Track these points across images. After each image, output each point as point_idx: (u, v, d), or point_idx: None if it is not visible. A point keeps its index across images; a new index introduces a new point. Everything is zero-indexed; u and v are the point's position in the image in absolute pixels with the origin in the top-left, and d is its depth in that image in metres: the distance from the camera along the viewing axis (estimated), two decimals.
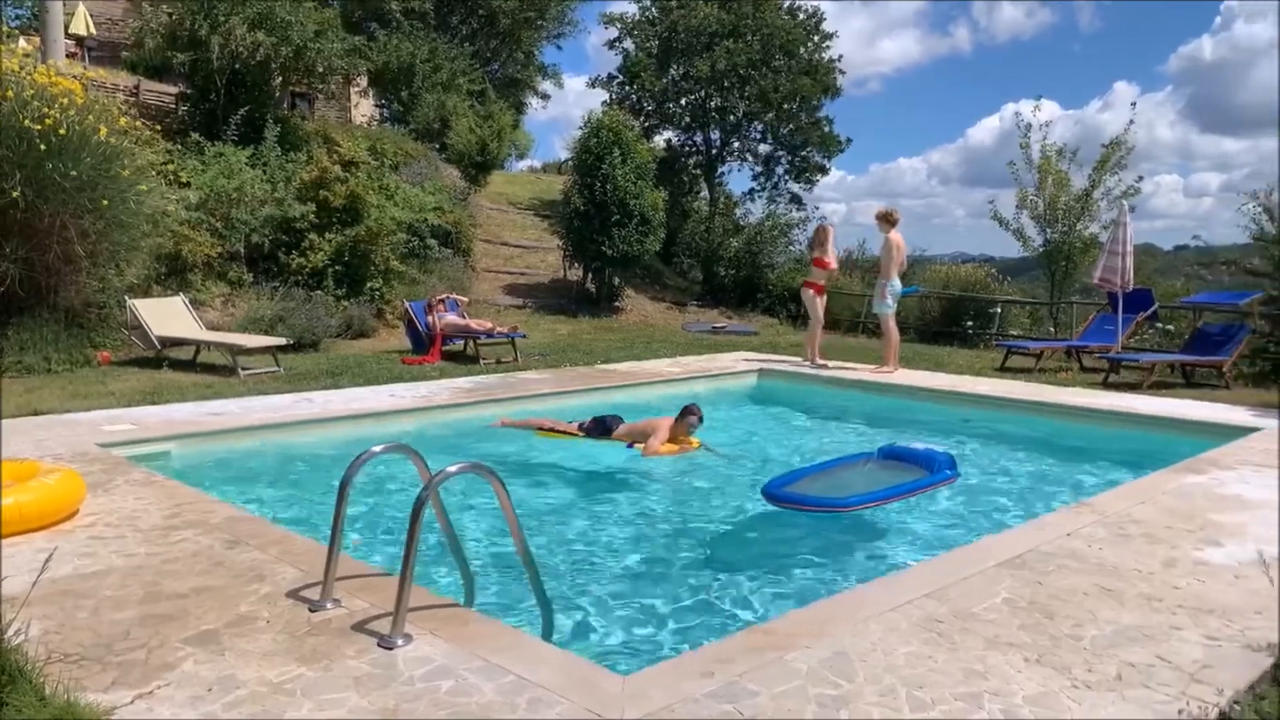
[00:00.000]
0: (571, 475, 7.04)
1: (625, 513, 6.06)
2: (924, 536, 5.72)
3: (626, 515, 6.00)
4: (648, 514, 6.04)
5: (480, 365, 11.29)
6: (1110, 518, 5.17)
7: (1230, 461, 6.69)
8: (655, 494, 6.62)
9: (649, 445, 7.24)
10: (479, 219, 19.90)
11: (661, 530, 5.70)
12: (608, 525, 5.76)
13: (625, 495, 6.54)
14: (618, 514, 6.03)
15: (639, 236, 17.11)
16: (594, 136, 17.10)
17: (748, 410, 9.99)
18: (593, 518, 5.92)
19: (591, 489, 6.69)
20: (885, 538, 5.70)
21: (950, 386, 10.30)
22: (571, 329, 15.83)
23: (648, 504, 6.32)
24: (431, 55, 23.48)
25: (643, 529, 5.70)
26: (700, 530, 5.80)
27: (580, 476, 7.03)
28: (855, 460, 7.08)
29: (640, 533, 5.62)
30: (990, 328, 16.28)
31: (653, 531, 5.65)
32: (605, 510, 6.12)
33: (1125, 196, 16.56)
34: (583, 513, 6.05)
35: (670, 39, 21.84)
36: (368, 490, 6.10)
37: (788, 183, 23.82)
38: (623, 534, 5.60)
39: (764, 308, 20.25)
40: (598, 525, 5.76)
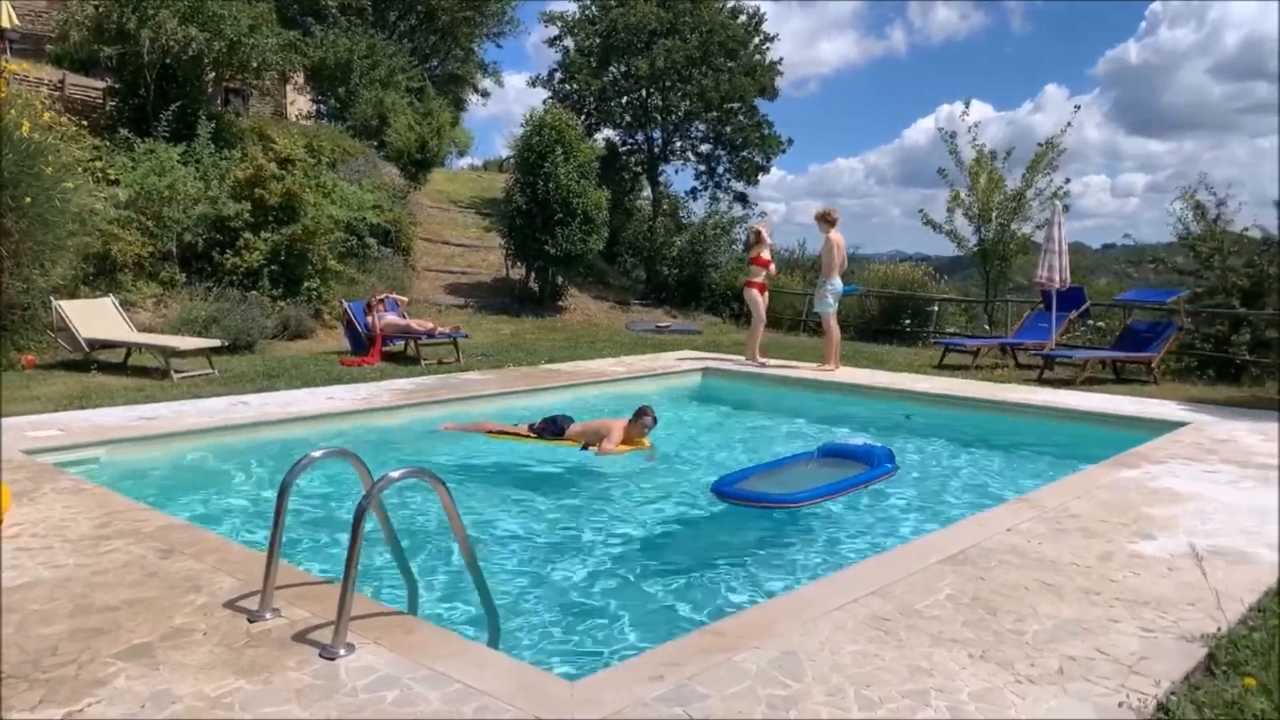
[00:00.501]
0: (522, 477, 6.98)
1: (576, 514, 6.02)
2: (868, 532, 5.78)
3: (577, 517, 5.96)
4: (598, 515, 6.01)
5: (421, 366, 11.15)
6: (1049, 513, 5.27)
7: (1160, 456, 6.87)
8: (606, 495, 6.59)
9: (604, 445, 7.21)
10: (419, 217, 19.67)
11: (612, 531, 5.67)
12: (557, 527, 5.73)
13: (576, 497, 6.50)
14: (568, 516, 6.00)
15: (582, 236, 17.05)
16: (536, 135, 17.00)
17: (693, 409, 10.01)
18: (542, 520, 5.88)
19: (542, 491, 6.63)
20: (830, 533, 5.74)
21: (891, 384, 10.44)
22: (514, 329, 15.73)
23: (598, 505, 6.28)
24: (370, 52, 23.14)
25: (592, 530, 5.66)
26: (651, 530, 5.79)
27: (531, 478, 6.97)
28: (799, 458, 7.18)
29: (590, 534, 5.59)
30: (928, 326, 16.55)
31: (603, 533, 5.62)
32: (555, 512, 6.08)
33: (1056, 197, 16.95)
34: (532, 515, 6.00)
35: (610, 37, 21.81)
36: (309, 495, 5.98)
37: (730, 181, 23.95)
38: (572, 536, 5.56)
39: (707, 306, 20.34)
40: (547, 527, 5.72)
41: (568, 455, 7.37)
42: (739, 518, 6.08)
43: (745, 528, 6.03)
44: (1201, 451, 7.05)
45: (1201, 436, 7.63)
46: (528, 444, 7.51)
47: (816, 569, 4.95)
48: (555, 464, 7.36)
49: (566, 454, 7.37)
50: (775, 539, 5.72)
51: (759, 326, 11.95)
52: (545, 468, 7.26)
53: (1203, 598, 3.98)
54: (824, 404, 10.16)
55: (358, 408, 8.31)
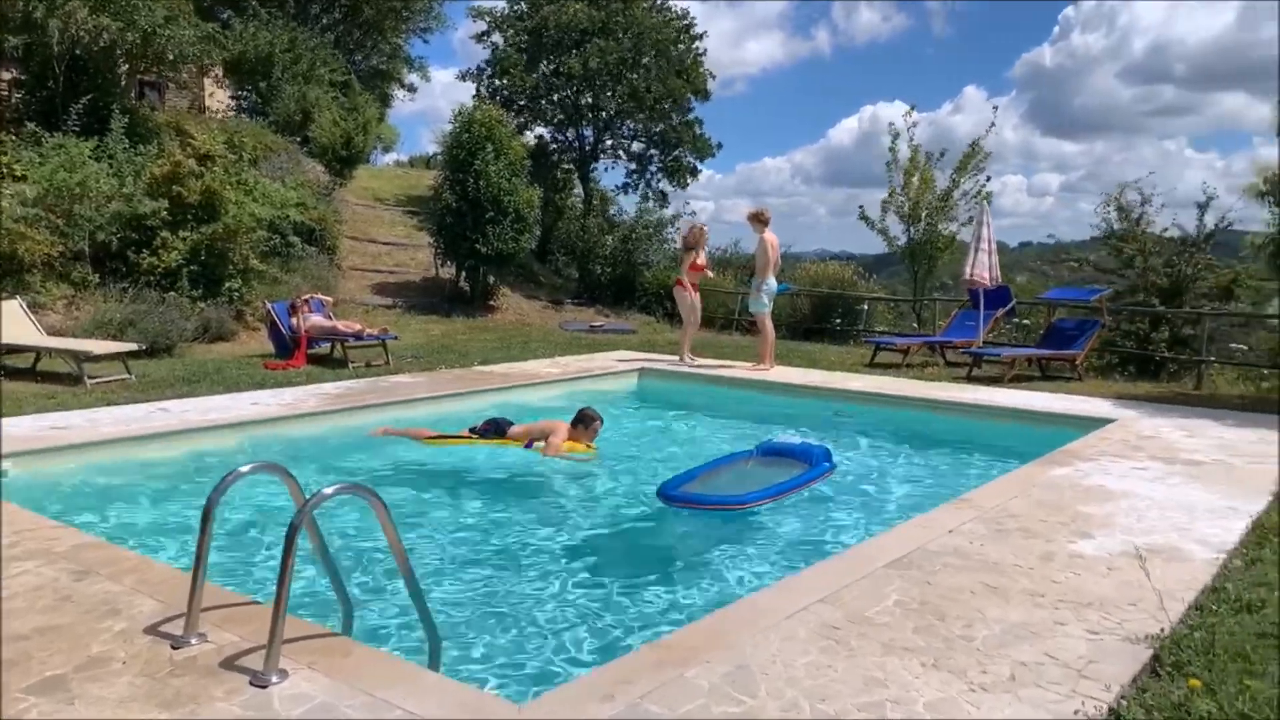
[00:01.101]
0: (461, 484, 6.79)
1: (519, 523, 5.89)
2: (811, 533, 5.77)
3: (520, 525, 5.83)
4: (543, 523, 5.88)
5: (349, 369, 10.85)
6: (988, 513, 5.31)
7: (1091, 453, 7.00)
8: (550, 501, 6.47)
9: (551, 444, 7.06)
10: (345, 215, 19.21)
11: (557, 540, 5.55)
12: (500, 537, 5.59)
13: (519, 504, 6.35)
14: (511, 524, 5.86)
15: (514, 235, 16.83)
16: (465, 131, 16.71)
17: (631, 411, 9.92)
18: (484, 529, 5.73)
19: (483, 498, 6.46)
20: (774, 535, 5.71)
21: (824, 383, 10.48)
22: (445, 329, 15.45)
23: (542, 512, 6.15)
24: (291, 45, 22.52)
25: (537, 539, 5.54)
26: (596, 537, 5.69)
27: (471, 484, 6.79)
28: (739, 458, 7.14)
29: (535, 543, 5.46)
30: (858, 325, 16.73)
31: (548, 542, 5.50)
32: (497, 521, 5.94)
33: (979, 197, 17.28)
34: (473, 524, 5.84)
35: (540, 34, 21.59)
36: (237, 507, 5.73)
37: (660, 180, 23.92)
38: (516, 545, 5.43)
39: (640, 305, 20.27)
40: (489, 537, 5.58)
41: (509, 459, 7.22)
42: (684, 521, 6.02)
43: (690, 531, 5.97)
44: (1129, 448, 7.20)
45: (1128, 433, 7.80)
46: (468, 446, 7.34)
47: (764, 575, 4.90)
48: (496, 469, 7.20)
49: (508, 458, 7.22)
50: (721, 542, 5.65)
51: (689, 326, 11.93)
52: (486, 473, 7.09)
53: (1143, 597, 4.03)
54: (760, 403, 10.16)
55: (284, 413, 8.02)
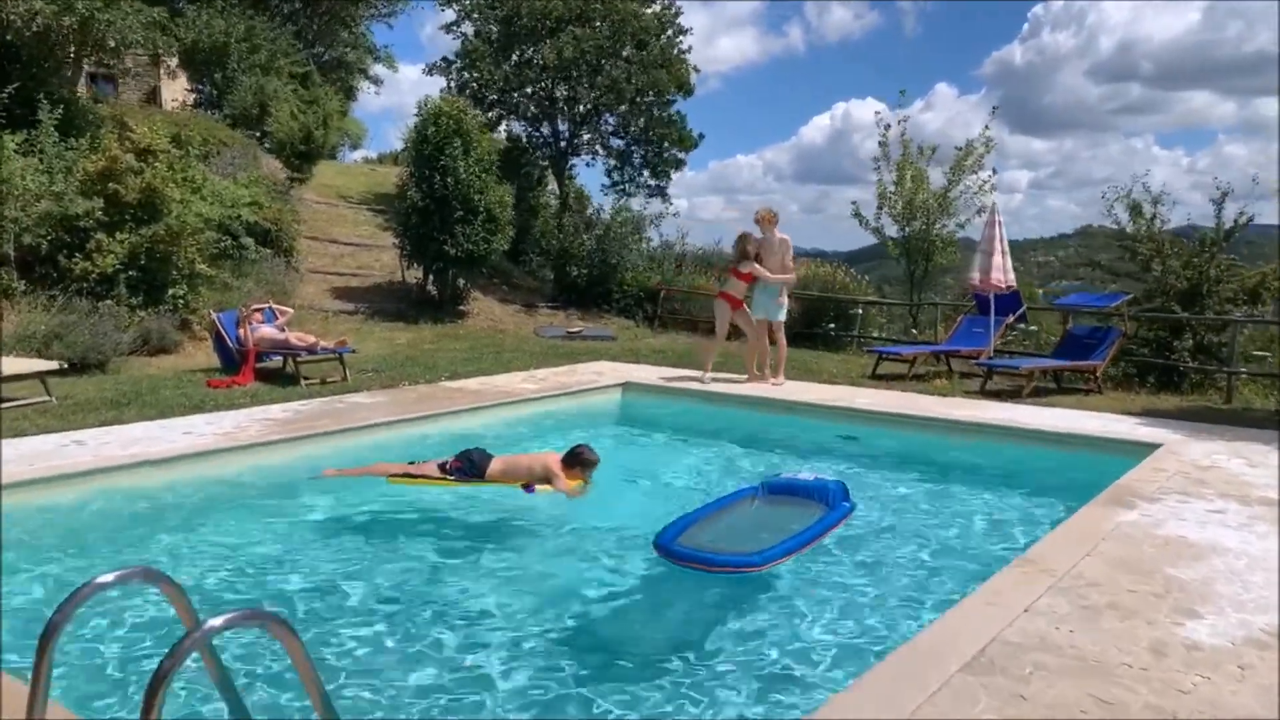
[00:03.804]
0: (425, 533, 5.79)
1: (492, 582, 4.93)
2: (841, 602, 4.80)
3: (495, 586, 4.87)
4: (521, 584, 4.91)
5: (302, 386, 9.75)
6: (1065, 582, 4.35)
7: (1151, 490, 6.07)
8: (531, 554, 5.48)
9: (566, 485, 5.92)
10: (304, 214, 18.04)
11: (537, 607, 4.58)
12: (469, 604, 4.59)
13: (494, 559, 5.35)
14: (483, 584, 4.93)
15: (485, 235, 15.73)
16: (431, 125, 15.59)
17: (618, 435, 8.90)
18: (450, 592, 4.74)
19: (450, 550, 5.46)
20: (793, 607, 4.74)
21: (829, 400, 9.52)
22: (411, 337, 14.34)
23: (519, 568, 5.19)
24: (248, 34, 21.29)
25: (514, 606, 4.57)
26: (586, 602, 4.78)
27: (437, 534, 5.78)
28: (742, 497, 6.11)
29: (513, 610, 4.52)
30: (852, 329, 15.80)
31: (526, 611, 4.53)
32: (466, 580, 4.96)
33: (980, 192, 16.44)
34: (436, 585, 4.85)
35: (512, 23, 20.46)
36: None
37: (644, 176, 22.84)
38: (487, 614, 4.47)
39: (620, 308, 19.25)
40: (456, 602, 4.58)
41: (485, 503, 6.21)
42: (686, 579, 5.02)
43: (694, 594, 4.99)
44: (1192, 484, 6.29)
45: (1182, 463, 6.89)
46: (439, 488, 6.26)
47: (796, 678, 3.92)
48: (471, 514, 6.20)
49: (484, 502, 6.21)
50: (736, 611, 4.69)
51: (715, 343, 10.73)
52: (454, 521, 6.08)
53: None
54: (757, 424, 9.19)
55: (219, 445, 6.95)
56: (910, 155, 16.59)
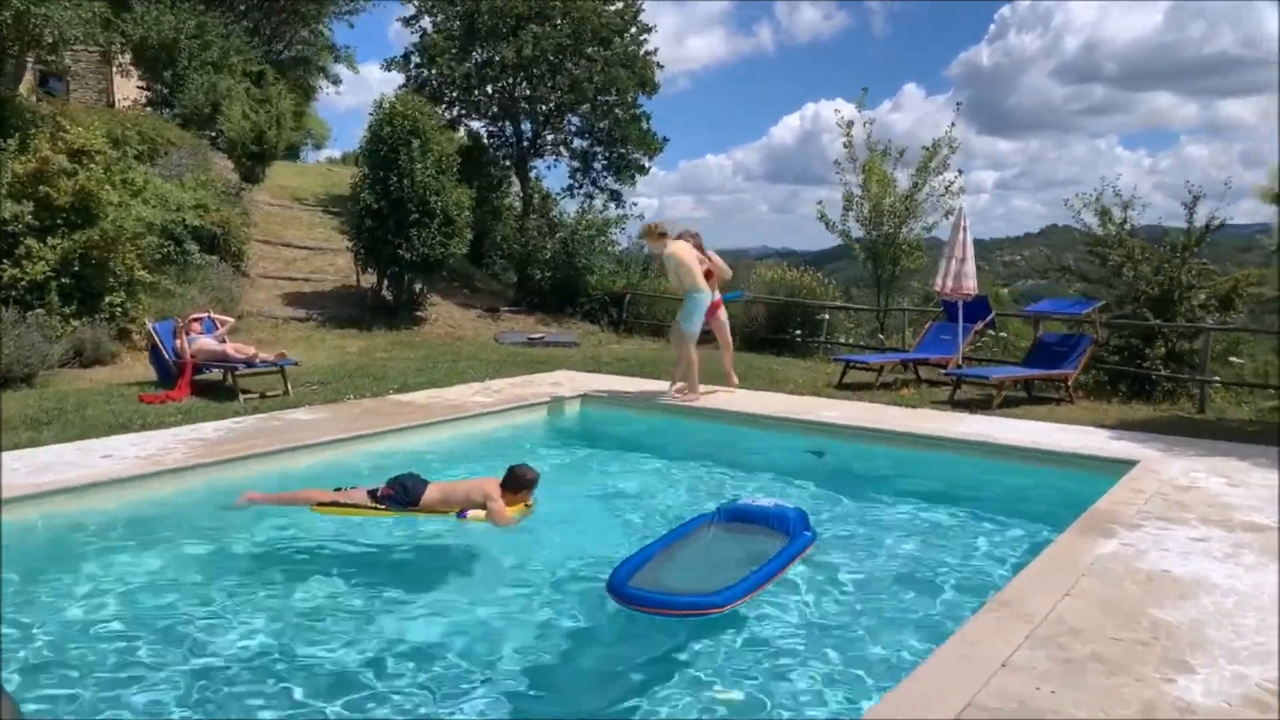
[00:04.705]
0: (350, 570, 5.32)
1: (430, 628, 4.51)
2: (800, 646, 4.42)
3: (433, 635, 4.45)
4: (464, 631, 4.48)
5: (240, 402, 9.23)
6: (1044, 629, 3.98)
7: (1131, 515, 5.74)
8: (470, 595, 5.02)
9: (497, 513, 5.47)
10: (256, 217, 17.43)
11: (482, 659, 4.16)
12: (398, 656, 4.14)
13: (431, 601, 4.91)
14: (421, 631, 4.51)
15: (442, 239, 15.23)
16: (387, 125, 15.06)
17: (573, 453, 8.43)
18: (376, 643, 4.29)
19: (376, 591, 5.00)
20: (749, 653, 4.35)
21: (794, 412, 9.15)
22: (364, 345, 13.81)
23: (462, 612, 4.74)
24: (199, 31, 20.63)
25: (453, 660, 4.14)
26: (528, 653, 4.32)
27: (361, 572, 5.31)
28: (698, 525, 5.71)
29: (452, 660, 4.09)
30: (819, 335, 15.46)
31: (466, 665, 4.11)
32: (396, 627, 4.52)
33: (948, 195, 16.17)
34: (360, 635, 4.40)
35: (473, 20, 19.95)
36: None
37: (606, 179, 22.40)
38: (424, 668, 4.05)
39: (584, 313, 18.82)
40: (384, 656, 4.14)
41: (420, 533, 5.77)
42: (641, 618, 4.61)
43: (649, 636, 4.58)
44: (1172, 507, 5.96)
45: (1161, 483, 6.57)
46: (369, 518, 5.80)
47: None
48: (401, 544, 5.76)
49: (421, 531, 5.77)
50: (689, 661, 4.30)
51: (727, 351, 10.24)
52: (380, 557, 5.63)
53: None
54: (722, 439, 8.79)
55: (139, 470, 6.45)
56: (876, 158, 16.28)
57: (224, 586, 4.98)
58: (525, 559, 5.52)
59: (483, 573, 5.35)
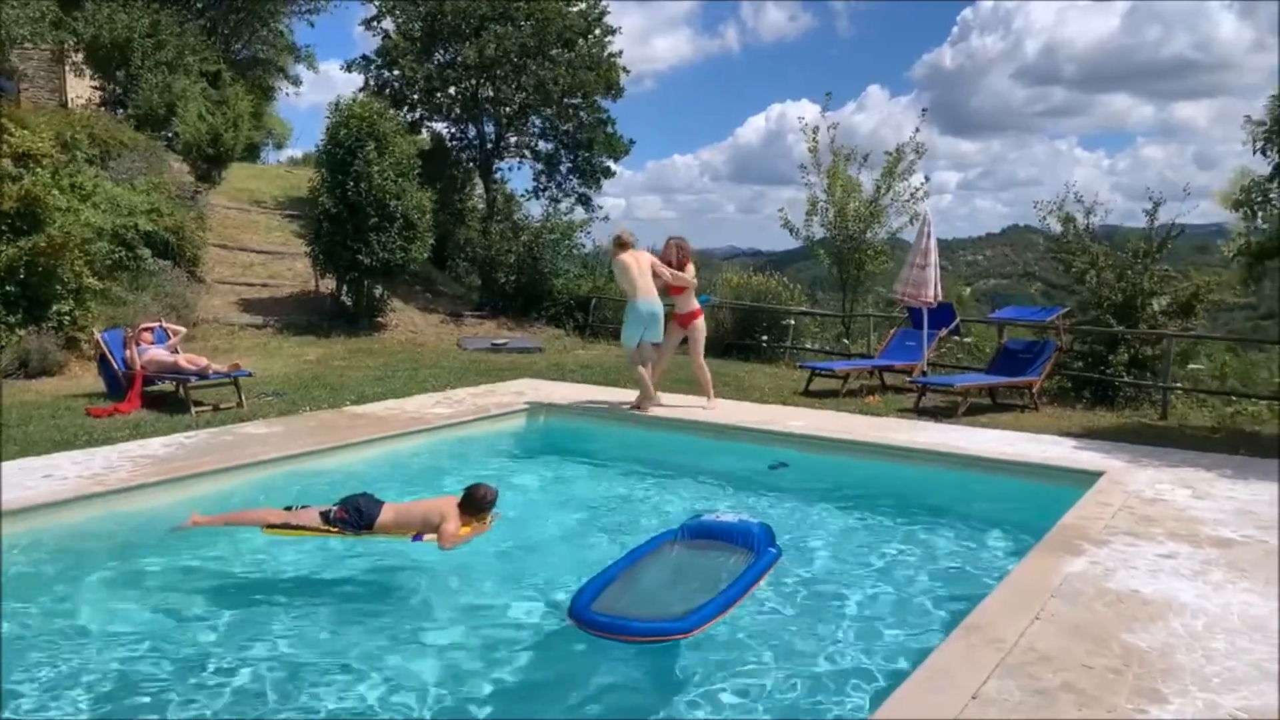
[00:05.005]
0: (300, 597, 5.12)
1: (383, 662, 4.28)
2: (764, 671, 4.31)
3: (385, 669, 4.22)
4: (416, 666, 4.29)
5: (192, 415, 8.96)
6: (1014, 656, 3.89)
7: (1099, 531, 5.68)
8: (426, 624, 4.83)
9: (447, 535, 5.29)
10: (213, 221, 17.05)
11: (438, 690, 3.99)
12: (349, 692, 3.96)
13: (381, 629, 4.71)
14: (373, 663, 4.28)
15: (402, 243, 14.99)
16: (344, 127, 14.78)
17: (534, 468, 8.23)
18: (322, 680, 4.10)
19: (323, 621, 4.81)
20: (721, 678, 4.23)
21: (759, 422, 9.04)
22: (322, 353, 13.53)
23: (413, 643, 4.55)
24: (153, 29, 20.16)
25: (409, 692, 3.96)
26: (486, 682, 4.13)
27: (309, 598, 5.12)
28: (662, 542, 5.55)
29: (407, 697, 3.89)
30: (785, 340, 15.39)
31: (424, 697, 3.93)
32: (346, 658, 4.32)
33: (914, 199, 16.18)
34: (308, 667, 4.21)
35: (435, 20, 19.68)
36: None
37: (572, 182, 22.20)
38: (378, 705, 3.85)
39: (550, 317, 18.63)
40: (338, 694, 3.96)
41: (375, 555, 5.58)
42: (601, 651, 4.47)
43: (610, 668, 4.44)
44: (1139, 522, 5.92)
45: (1127, 496, 6.53)
46: (322, 540, 5.61)
47: None
48: (356, 569, 5.57)
49: (376, 554, 5.58)
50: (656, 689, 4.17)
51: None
52: (333, 581, 5.44)
53: None
54: (687, 451, 8.66)
55: (83, 491, 6.20)
56: (840, 163, 16.26)
57: (165, 613, 4.78)
58: (485, 582, 5.36)
59: (438, 597, 5.16)
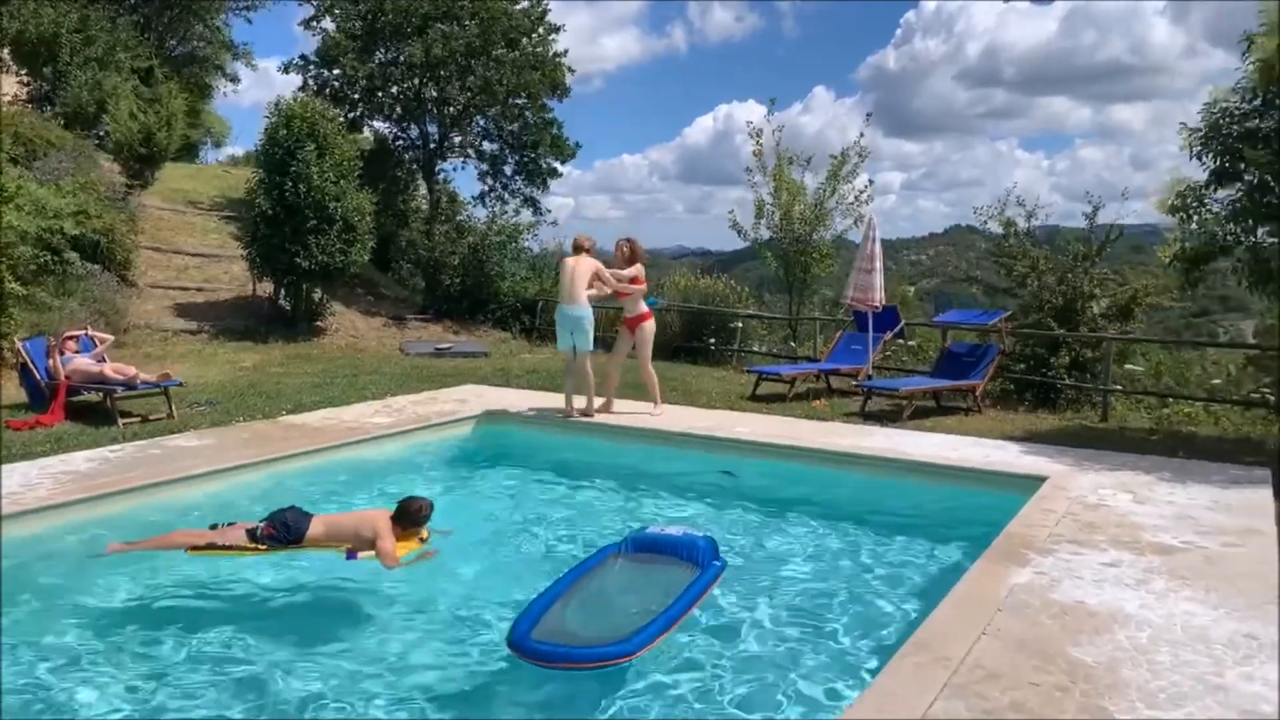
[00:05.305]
0: (227, 622, 4.88)
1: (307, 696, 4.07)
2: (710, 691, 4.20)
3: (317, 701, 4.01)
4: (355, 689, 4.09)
5: (119, 427, 8.61)
6: (961, 674, 3.83)
7: (1043, 540, 5.67)
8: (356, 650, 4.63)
9: (385, 552, 5.11)
10: (146, 223, 16.52)
11: None
12: None
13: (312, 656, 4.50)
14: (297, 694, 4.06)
15: (342, 246, 14.65)
16: (283, 128, 14.41)
17: (477, 480, 8.03)
18: None
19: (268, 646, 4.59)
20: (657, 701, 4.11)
21: (708, 429, 8.95)
22: (259, 359, 13.16)
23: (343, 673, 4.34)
24: (82, 24, 19.52)
25: None
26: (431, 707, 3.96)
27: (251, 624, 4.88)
28: (605, 556, 5.43)
29: None
30: (732, 343, 15.35)
31: None
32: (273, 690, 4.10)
33: (858, 203, 16.25)
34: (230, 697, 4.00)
35: (376, 18, 19.31)
36: None
37: (518, 184, 21.94)
38: None
39: (496, 320, 18.39)
40: None
41: (307, 574, 5.37)
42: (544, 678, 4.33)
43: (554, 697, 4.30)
44: (1083, 529, 5.92)
45: (1070, 502, 6.55)
46: (250, 558, 5.39)
47: None
48: (284, 588, 5.34)
49: (305, 573, 5.37)
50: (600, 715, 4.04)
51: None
52: (268, 596, 5.22)
53: None
54: (634, 459, 8.54)
55: None
56: (785, 166, 16.28)
57: (86, 645, 4.53)
58: (420, 603, 5.17)
59: (370, 623, 4.96)
